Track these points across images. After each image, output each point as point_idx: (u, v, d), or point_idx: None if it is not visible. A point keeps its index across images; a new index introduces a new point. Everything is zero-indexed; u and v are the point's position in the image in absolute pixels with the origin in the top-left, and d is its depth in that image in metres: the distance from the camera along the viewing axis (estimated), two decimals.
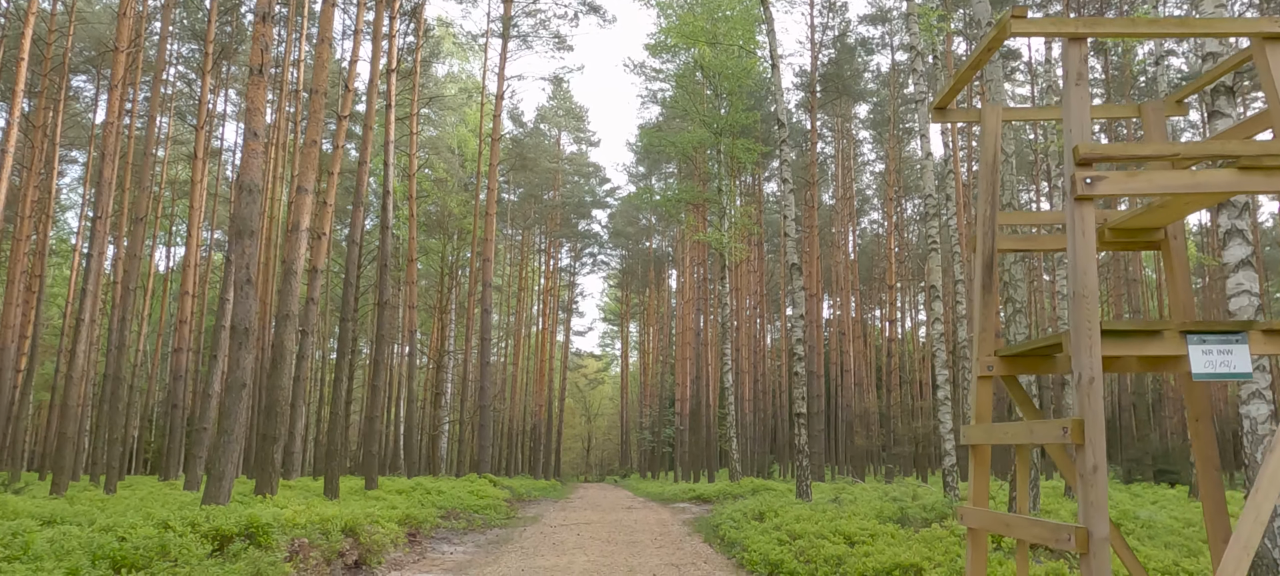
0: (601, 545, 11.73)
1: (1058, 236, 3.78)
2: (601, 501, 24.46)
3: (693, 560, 10.30)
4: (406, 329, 26.11)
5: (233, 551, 6.72)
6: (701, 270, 37.66)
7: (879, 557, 7.82)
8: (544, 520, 16.06)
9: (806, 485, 14.76)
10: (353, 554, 8.68)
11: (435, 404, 35.24)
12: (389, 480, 21.36)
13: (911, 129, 48.41)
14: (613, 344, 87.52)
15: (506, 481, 27.79)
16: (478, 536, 12.80)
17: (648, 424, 62.90)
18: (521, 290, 58.15)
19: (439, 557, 10.38)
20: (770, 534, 10.26)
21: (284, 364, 10.85)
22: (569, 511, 18.69)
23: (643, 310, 71.11)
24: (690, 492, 23.36)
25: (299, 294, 11.22)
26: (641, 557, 10.47)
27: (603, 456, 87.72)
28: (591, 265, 73.30)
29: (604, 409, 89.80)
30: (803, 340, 15.35)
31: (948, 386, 12.91)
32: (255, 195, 8.75)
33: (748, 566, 9.32)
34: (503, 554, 10.81)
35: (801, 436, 14.96)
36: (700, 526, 14.50)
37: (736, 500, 19.75)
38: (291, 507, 9.74)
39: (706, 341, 35.23)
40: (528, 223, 54.17)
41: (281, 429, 10.80)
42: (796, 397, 15.17)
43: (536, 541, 12.20)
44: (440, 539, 12.03)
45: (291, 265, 11.24)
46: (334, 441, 13.04)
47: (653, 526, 14.71)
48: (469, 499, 16.88)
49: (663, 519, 16.58)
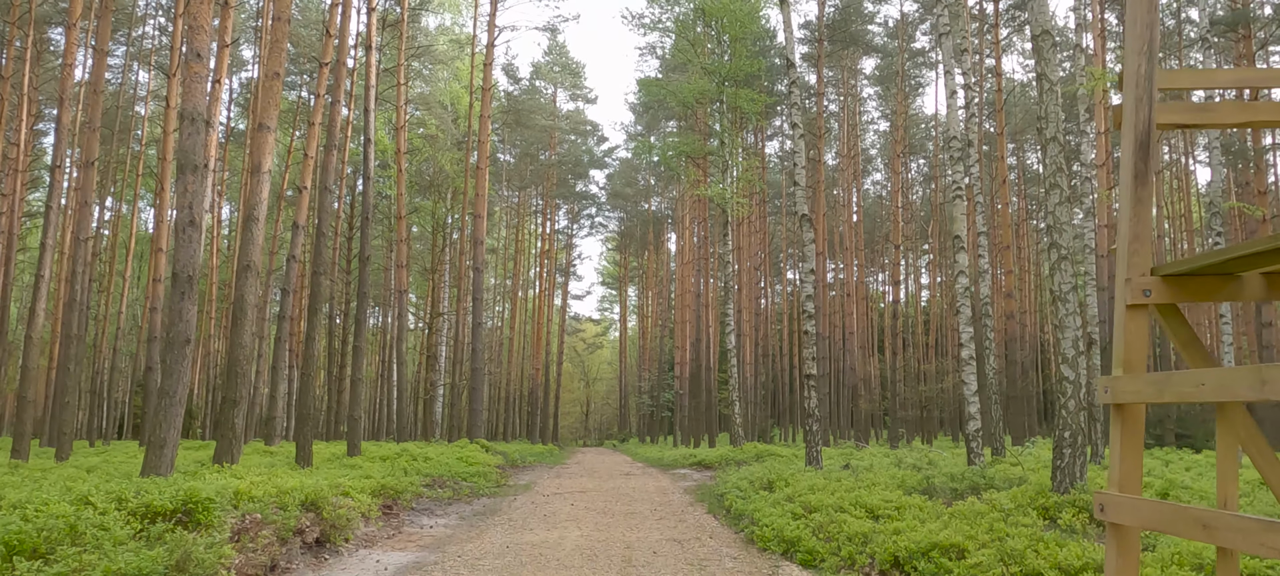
0: (596, 516, 10.78)
1: (1243, 106, 2.70)
2: (599, 467, 23.58)
3: (696, 534, 9.33)
4: (397, 289, 25.04)
5: (155, 533, 5.70)
6: (702, 229, 36.57)
7: (912, 536, 6.83)
8: (537, 488, 15.13)
9: (816, 451, 13.80)
10: (314, 530, 7.69)
11: (429, 367, 34.32)
12: (376, 445, 20.44)
13: (920, 84, 46.97)
14: (611, 308, 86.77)
15: (501, 446, 26.92)
16: (463, 507, 11.85)
17: (647, 388, 62.17)
18: (518, 252, 57.03)
19: (416, 532, 9.40)
20: (782, 506, 9.27)
21: (245, 319, 9.80)
22: (564, 478, 17.78)
23: (642, 274, 70.07)
24: (691, 458, 22.47)
25: (261, 242, 10.15)
26: (640, 531, 9.51)
27: (601, 421, 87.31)
28: (589, 228, 72.13)
29: (602, 373, 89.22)
30: (812, 297, 14.30)
31: (972, 344, 11.87)
32: (199, 125, 7.64)
33: (759, 543, 8.34)
34: (488, 527, 9.84)
35: (811, 399, 13.96)
36: (703, 495, 13.56)
37: (740, 466, 18.83)
38: (248, 478, 8.73)
39: (707, 303, 34.23)
40: (524, 182, 52.88)
41: (243, 391, 9.78)
42: (806, 358, 14.16)
43: (526, 512, 11.24)
44: (421, 510, 11.06)
45: (253, 211, 10.13)
46: (305, 404, 12.04)
47: (652, 495, 13.78)
48: (457, 466, 15.94)
49: (663, 486, 15.66)
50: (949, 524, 7.18)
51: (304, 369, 11.98)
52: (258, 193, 10.07)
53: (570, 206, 61.21)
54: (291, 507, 7.68)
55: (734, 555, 8.05)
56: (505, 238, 59.57)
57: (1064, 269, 8.53)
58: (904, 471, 11.68)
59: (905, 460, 15.67)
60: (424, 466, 15.23)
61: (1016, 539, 6.28)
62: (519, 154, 53.55)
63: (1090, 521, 6.91)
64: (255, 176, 10.15)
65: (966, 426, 11.72)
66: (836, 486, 10.23)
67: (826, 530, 7.86)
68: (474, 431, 23.23)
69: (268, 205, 11.21)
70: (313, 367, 12.06)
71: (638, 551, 8.21)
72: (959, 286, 12.10)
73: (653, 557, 7.88)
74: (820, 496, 9.24)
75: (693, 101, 24.15)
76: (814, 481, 10.68)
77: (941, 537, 6.56)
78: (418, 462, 15.57)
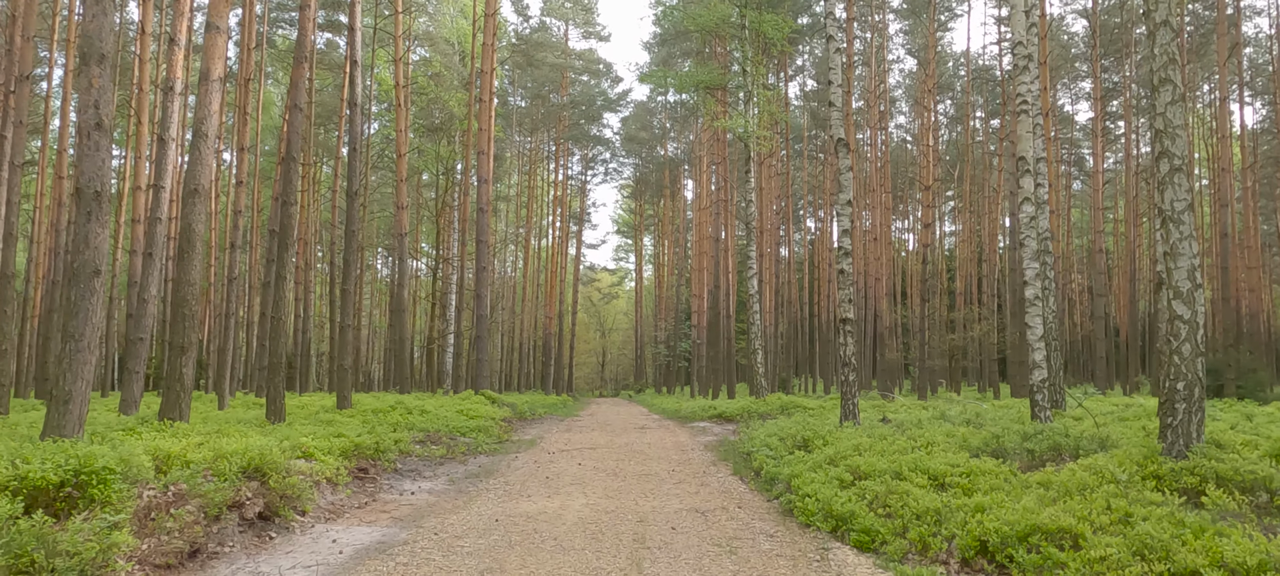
0: (605, 479, 9.39)
1: None
2: (612, 420, 22.28)
3: (722, 503, 7.91)
4: (397, 232, 23.59)
5: (3, 515, 4.29)
6: (721, 171, 34.85)
7: (1001, 513, 5.34)
8: (542, 444, 13.79)
9: (853, 404, 12.32)
10: (256, 503, 6.31)
11: (436, 316, 33.06)
12: (372, 398, 19.20)
13: (952, 15, 44.52)
14: (626, 257, 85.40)
15: (510, 398, 25.69)
16: (455, 467, 10.50)
17: (663, 338, 60.91)
18: (531, 199, 55.43)
19: (393, 501, 8.04)
20: (825, 471, 7.81)
21: (192, 252, 8.37)
22: (574, 432, 16.45)
23: (657, 222, 68.32)
24: (710, 410, 21.08)
25: (211, 164, 8.66)
26: (656, 498, 8.10)
27: (617, 371, 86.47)
28: (603, 174, 70.33)
29: (618, 323, 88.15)
30: (849, 231, 12.68)
31: (1038, 282, 10.26)
32: (106, 4, 6.13)
33: (800, 516, 6.90)
34: (478, 493, 8.47)
35: (847, 346, 12.43)
36: (726, 453, 12.16)
37: (764, 420, 17.42)
38: (189, 439, 7.36)
39: (726, 249, 32.62)
40: (535, 125, 51.03)
41: (192, 336, 8.39)
42: (841, 300, 12.59)
43: (526, 474, 9.88)
44: (406, 473, 9.71)
45: (201, 126, 8.64)
46: (275, 352, 10.67)
47: (670, 452, 12.40)
48: (456, 420, 14.61)
49: (681, 442, 14.28)
50: (1047, 498, 5.68)
51: (274, 312, 10.59)
52: (207, 104, 8.56)
53: (584, 152, 59.33)
54: (229, 475, 6.29)
55: (770, 532, 6.62)
56: (517, 184, 57.96)
57: (1178, 183, 6.90)
58: (958, 428, 10.18)
59: (949, 414, 14.16)
60: (419, 421, 13.91)
61: (1151, 522, 4.77)
62: (530, 96, 51.62)
63: (1249, 501, 5.38)
64: (204, 84, 8.63)
65: (1031, 376, 10.16)
66: (885, 446, 8.75)
67: (887, 503, 6.39)
68: (479, 382, 21.91)
69: (219, 121, 9.71)
70: (283, 311, 10.67)
71: (652, 526, 6.81)
72: (1023, 215, 10.44)
73: (671, 534, 6.47)
74: (869, 459, 7.76)
75: (713, 26, 22.24)
76: (857, 440, 9.21)
77: (1043, 518, 5.06)
78: (413, 416, 14.26)
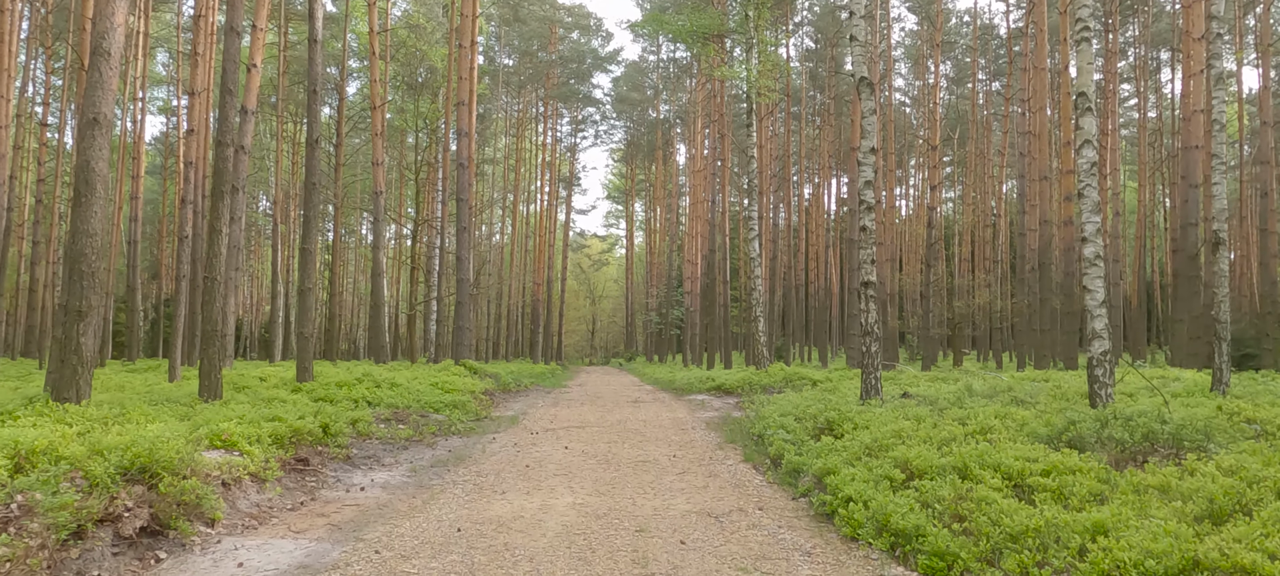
0: (596, 469, 7.95)
1: None
2: (603, 391, 20.86)
3: (740, 503, 6.49)
4: (372, 189, 21.92)
5: None
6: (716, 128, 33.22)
7: (1133, 538, 3.92)
8: (525, 422, 12.34)
9: (876, 378, 10.90)
10: (139, 514, 4.82)
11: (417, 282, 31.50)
12: (342, 368, 17.71)
13: None
14: (617, 224, 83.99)
15: (494, 367, 24.22)
16: (422, 453, 9.03)
17: (654, 305, 59.53)
18: (518, 162, 53.62)
19: (335, 500, 6.57)
20: (865, 465, 6.38)
21: (92, 196, 6.81)
22: (561, 407, 15.01)
23: (649, 187, 66.59)
24: (708, 382, 19.69)
25: (113, 88, 7.05)
26: (657, 496, 6.67)
27: (607, 339, 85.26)
28: (593, 138, 68.46)
29: (608, 291, 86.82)
30: (871, 183, 11.19)
31: (1099, 239, 8.80)
32: None
33: (844, 527, 5.48)
34: (443, 488, 7.02)
35: (870, 313, 10.98)
36: (733, 432, 10.74)
37: (769, 394, 16.03)
38: (70, 429, 5.85)
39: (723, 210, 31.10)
40: (522, 84, 49.06)
41: (93, 298, 6.86)
42: (862, 261, 11.12)
43: (503, 461, 8.43)
44: (360, 461, 8.24)
45: (101, 42, 7.02)
46: (209, 318, 9.11)
47: (668, 432, 10.98)
48: (430, 394, 13.14)
49: (679, 419, 12.87)
50: (1186, 514, 4.24)
51: (208, 272, 9.03)
52: (108, 14, 6.92)
53: (573, 114, 57.38)
54: (102, 478, 4.80)
55: (806, 548, 5.19)
56: (505, 148, 56.05)
57: None
58: (1007, 408, 8.78)
59: (975, 387, 12.78)
60: (388, 396, 12.44)
61: None
62: (517, 54, 49.61)
63: None
64: None
65: (1090, 347, 8.74)
66: (929, 431, 7.34)
67: (956, 513, 4.96)
68: (459, 351, 20.38)
69: (124, 37, 8.12)
70: (218, 270, 9.10)
71: (656, 538, 5.38)
72: (1082, 162, 8.95)
73: (681, 553, 5.04)
74: (918, 450, 6.34)
75: None
76: (894, 424, 7.79)
77: (1209, 552, 3.64)
78: (381, 390, 12.78)
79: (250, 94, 17.68)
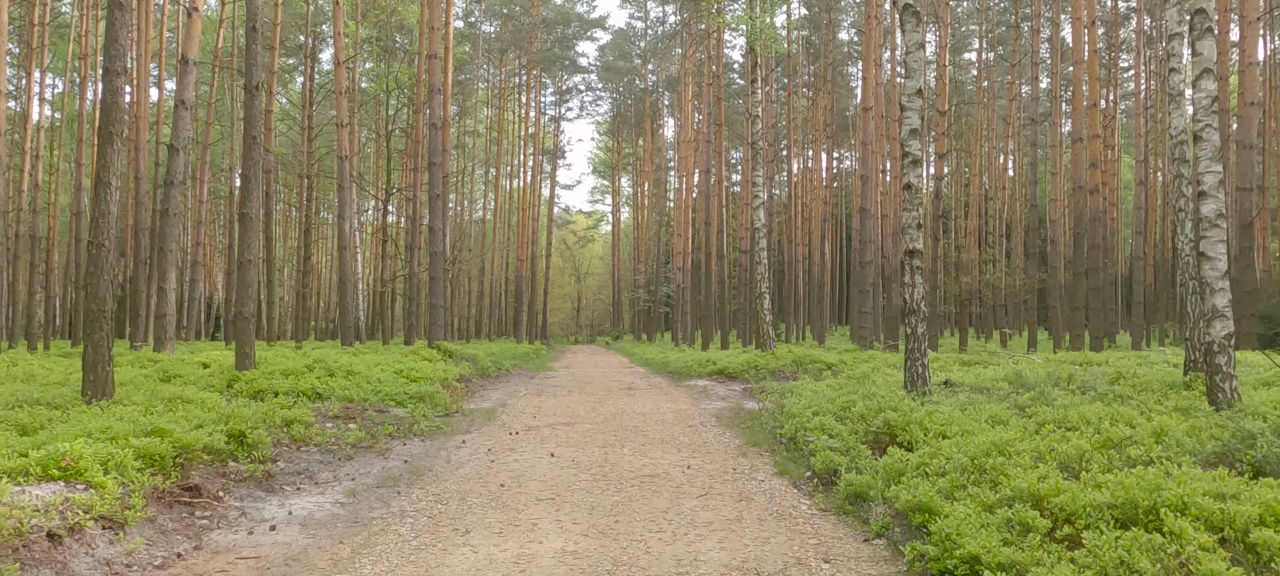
0: (592, 489, 6.08)
1: None
2: (592, 375, 19.02)
3: (796, 551, 4.63)
4: (338, 154, 19.87)
5: None
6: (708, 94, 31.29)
7: None
8: (504, 417, 10.47)
9: (922, 366, 9.10)
10: None
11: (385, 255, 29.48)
12: (298, 353, 15.77)
13: None
14: (603, 199, 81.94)
15: (473, 348, 22.29)
16: (370, 464, 7.15)
17: (643, 283, 57.67)
18: (501, 134, 51.40)
19: (225, 551, 4.68)
20: (973, 498, 4.56)
21: None
22: (546, 397, 13.15)
23: (636, 161, 64.42)
24: (707, 365, 17.85)
25: None
26: (679, 538, 4.80)
27: (593, 317, 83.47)
28: (579, 109, 66.23)
29: (594, 268, 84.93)
30: (917, 131, 9.34)
31: (1220, 193, 7.00)
32: None
33: None
34: (383, 526, 5.15)
35: (915, 288, 9.16)
36: (753, 431, 8.91)
37: (780, 380, 14.23)
38: None
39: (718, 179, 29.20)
40: (504, 47, 46.74)
41: None
42: (907, 225, 9.29)
43: (471, 478, 6.56)
44: (282, 481, 6.34)
45: None
46: (95, 296, 7.09)
47: (675, 430, 9.15)
48: (392, 383, 11.25)
49: (683, 411, 11.04)
50: None
51: (93, 237, 7.07)
52: None
53: (558, 84, 55.06)
54: None
55: None
56: (486, 119, 53.73)
57: None
58: (1110, 406, 7.01)
59: (1026, 375, 11.00)
60: (341, 386, 10.54)
61: None
62: (500, 20, 47.28)
63: None
64: None
65: (1211, 329, 6.95)
66: (1035, 442, 5.54)
67: None
68: (434, 332, 18.40)
69: None
70: (105, 233, 7.14)
71: None
72: (1201, 95, 7.13)
73: None
74: (1052, 479, 4.53)
75: None
76: (982, 431, 6.00)
77: None
78: (334, 380, 10.87)
79: (191, 41, 15.59)
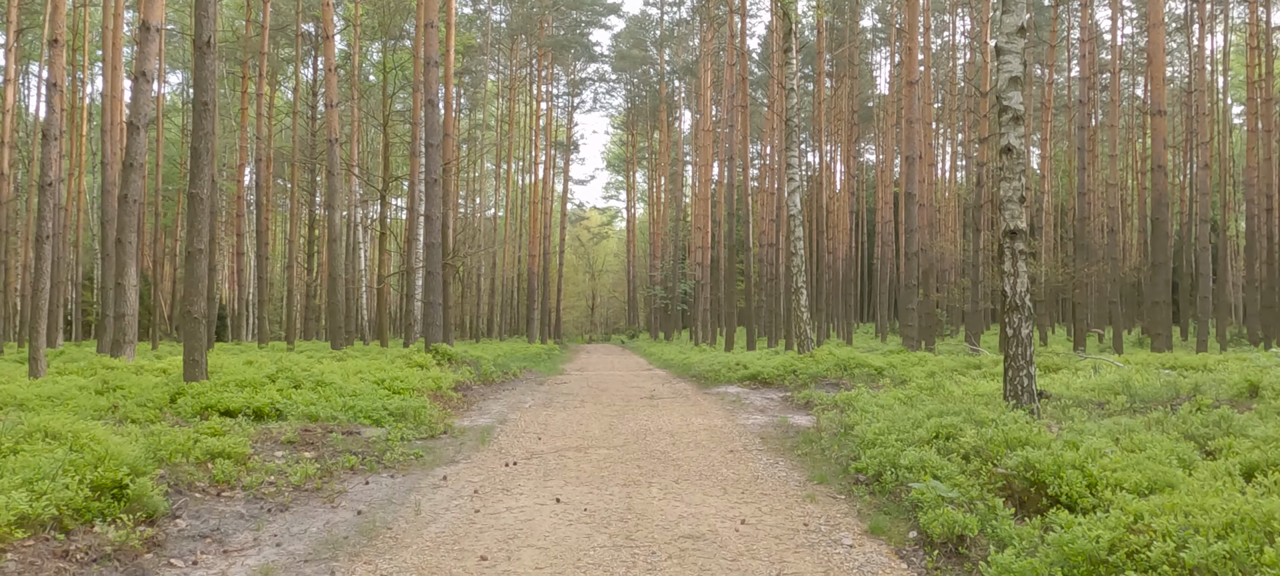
0: (612, 563, 4.17)
1: None
2: (608, 379, 17.15)
3: None
4: (326, 138, 18.09)
5: None
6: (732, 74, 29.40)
7: None
8: (500, 438, 8.60)
9: (1028, 376, 7.16)
10: None
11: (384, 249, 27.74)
12: (272, 354, 13.96)
13: None
14: (617, 195, 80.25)
15: (475, 351, 20.47)
16: (309, 516, 5.29)
17: (659, 279, 55.72)
18: (511, 127, 49.65)
19: None
20: None
21: None
22: (554, 409, 11.26)
23: (651, 155, 62.47)
24: (738, 369, 15.92)
25: None
26: None
27: (608, 315, 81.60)
28: (592, 101, 64.52)
29: (609, 265, 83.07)
30: (1019, 79, 7.40)
31: None
32: None
33: None
34: None
35: (1020, 278, 7.22)
36: (815, 461, 7.00)
37: (828, 389, 12.29)
38: None
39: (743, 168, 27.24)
40: (514, 31, 44.94)
41: None
42: (1008, 197, 7.36)
43: (442, 542, 4.68)
44: (168, 553, 4.48)
45: None
46: None
47: (713, 458, 7.25)
48: (370, 396, 9.42)
49: (719, 430, 9.12)
50: None
51: None
52: None
53: (570, 75, 53.20)
54: None
55: None
56: (497, 111, 51.97)
57: None
58: None
59: (1135, 384, 9.03)
60: (305, 400, 8.72)
61: None
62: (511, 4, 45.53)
63: None
64: None
65: None
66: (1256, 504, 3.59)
67: None
68: (430, 333, 16.51)
69: None
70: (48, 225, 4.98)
71: None
72: None
73: None
74: None
75: None
76: (1190, 490, 4.08)
77: None
78: (299, 393, 9.05)
79: (153, 4, 13.86)
